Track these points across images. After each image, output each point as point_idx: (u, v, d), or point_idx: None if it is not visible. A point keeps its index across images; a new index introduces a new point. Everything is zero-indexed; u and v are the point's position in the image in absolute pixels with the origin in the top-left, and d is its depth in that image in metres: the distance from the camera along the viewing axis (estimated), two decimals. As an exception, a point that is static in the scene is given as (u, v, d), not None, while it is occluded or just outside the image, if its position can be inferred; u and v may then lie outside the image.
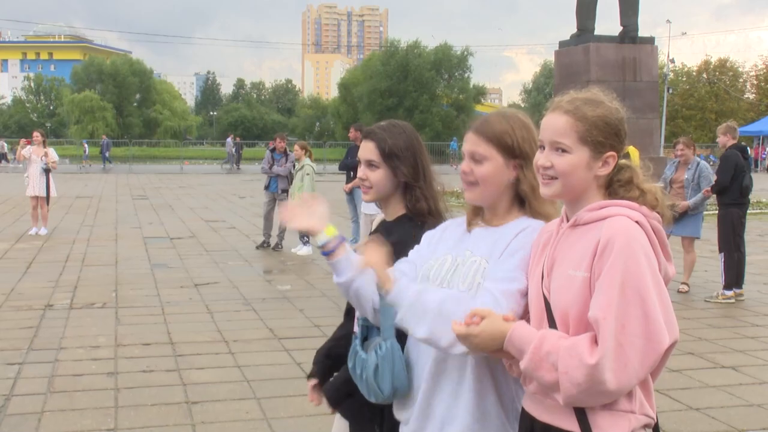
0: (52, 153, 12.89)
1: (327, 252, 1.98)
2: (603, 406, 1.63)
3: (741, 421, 4.52)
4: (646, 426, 1.67)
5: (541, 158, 1.75)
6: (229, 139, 42.87)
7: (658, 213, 1.71)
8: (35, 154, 12.64)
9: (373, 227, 2.42)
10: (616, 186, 1.75)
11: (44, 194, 12.59)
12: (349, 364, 2.08)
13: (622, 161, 1.76)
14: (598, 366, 1.54)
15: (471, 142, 1.94)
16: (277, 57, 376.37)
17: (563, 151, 1.71)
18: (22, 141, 14.77)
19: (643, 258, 1.61)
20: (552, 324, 1.69)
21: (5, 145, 44.91)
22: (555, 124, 1.73)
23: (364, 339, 2.09)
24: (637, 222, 1.65)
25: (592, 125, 1.70)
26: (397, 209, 2.31)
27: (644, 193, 1.73)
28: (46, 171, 12.57)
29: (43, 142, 12.86)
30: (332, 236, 1.98)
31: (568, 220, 1.77)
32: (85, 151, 41.70)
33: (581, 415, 1.64)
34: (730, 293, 7.90)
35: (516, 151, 1.91)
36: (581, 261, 1.66)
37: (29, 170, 12.69)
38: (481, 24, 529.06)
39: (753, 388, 5.16)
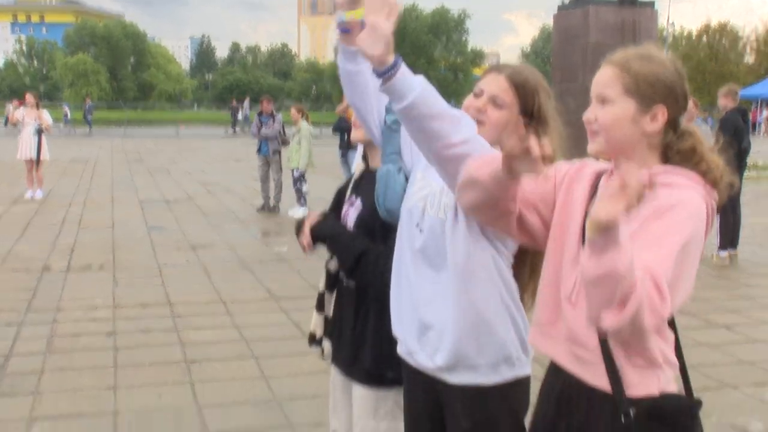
0: (46, 115, 12.77)
1: (343, 29, 1.87)
2: (633, 364, 1.56)
3: (733, 377, 4.58)
4: (674, 375, 1.62)
5: (587, 113, 1.65)
6: (246, 102, 42.18)
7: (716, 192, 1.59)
8: (28, 116, 12.52)
9: (355, 176, 2.44)
10: (675, 156, 1.60)
11: (35, 156, 12.48)
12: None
13: (685, 127, 1.63)
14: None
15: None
16: (274, 19, 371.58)
17: (607, 102, 1.61)
18: (14, 102, 14.57)
19: (695, 236, 1.49)
20: None
21: (68, 110, 43.61)
22: (602, 77, 1.64)
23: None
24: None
25: (638, 76, 1.59)
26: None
27: (710, 169, 1.58)
28: (39, 132, 12.45)
29: (36, 104, 12.74)
30: (357, 16, 1.80)
31: None
32: (66, 115, 40.86)
33: (613, 370, 1.57)
34: (725, 254, 7.96)
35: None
36: (634, 217, 1.48)
37: (22, 133, 12.59)
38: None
39: (745, 346, 5.23)
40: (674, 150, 1.62)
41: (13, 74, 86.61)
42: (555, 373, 1.74)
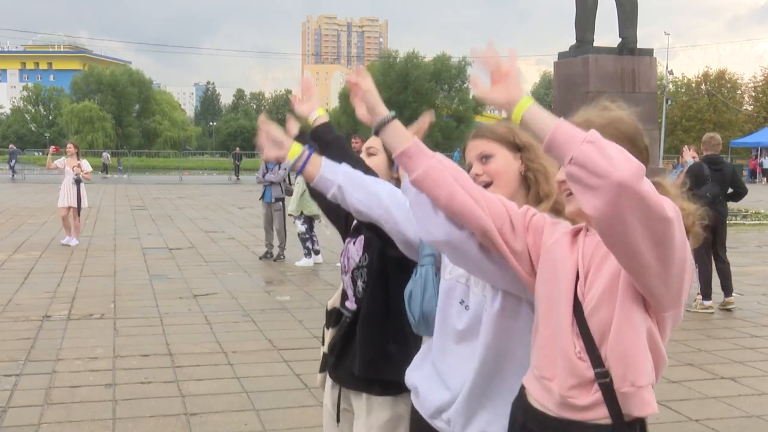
0: (86, 164, 12.97)
1: (299, 171, 2.16)
2: (634, 386, 1.57)
3: (741, 433, 4.51)
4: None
5: (559, 174, 1.71)
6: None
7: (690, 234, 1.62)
8: (68, 165, 12.71)
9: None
10: None
11: (76, 205, 12.63)
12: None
13: (655, 179, 1.64)
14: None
15: (476, 146, 2.01)
16: (280, 67, 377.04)
17: None
18: (51, 148, 14.83)
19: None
20: (584, 329, 1.61)
21: (108, 156, 45.16)
22: None
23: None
24: None
25: (603, 132, 1.59)
26: None
27: (685, 216, 1.61)
28: (77, 182, 12.61)
29: (77, 153, 12.96)
30: (296, 156, 2.15)
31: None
32: (105, 162, 41.78)
33: (614, 407, 1.58)
34: (708, 303, 7.87)
35: (518, 144, 1.99)
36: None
37: (63, 182, 12.78)
38: (488, 34, 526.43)
39: (752, 399, 5.16)
40: None
41: (19, 120, 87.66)
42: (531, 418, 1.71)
